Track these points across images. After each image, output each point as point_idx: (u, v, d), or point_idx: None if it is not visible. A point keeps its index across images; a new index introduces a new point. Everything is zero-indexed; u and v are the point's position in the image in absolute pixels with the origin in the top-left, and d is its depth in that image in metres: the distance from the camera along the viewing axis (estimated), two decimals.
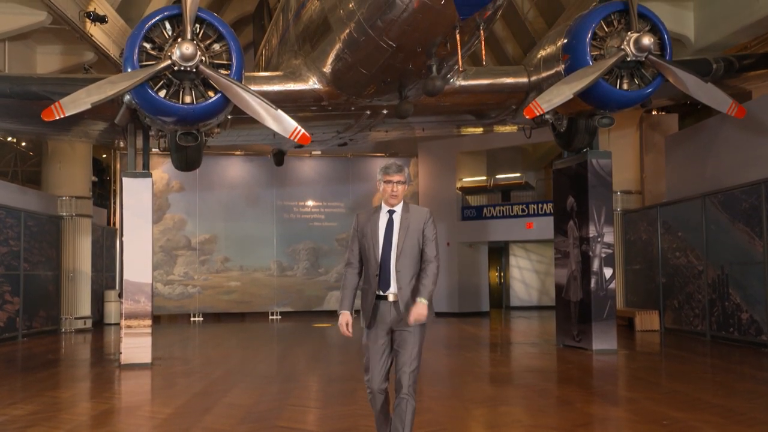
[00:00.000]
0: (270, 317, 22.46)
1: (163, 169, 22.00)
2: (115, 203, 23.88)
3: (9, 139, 26.06)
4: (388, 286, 5.11)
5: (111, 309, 21.03)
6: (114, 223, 23.57)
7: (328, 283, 23.22)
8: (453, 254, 23.11)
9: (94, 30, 14.89)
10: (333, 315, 22.45)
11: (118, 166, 22.30)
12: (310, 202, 23.43)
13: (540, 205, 21.78)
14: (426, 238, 5.19)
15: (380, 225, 5.22)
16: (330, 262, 23.33)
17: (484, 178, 24.42)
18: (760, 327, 12.62)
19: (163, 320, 21.98)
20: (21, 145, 27.09)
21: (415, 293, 5.06)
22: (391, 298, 5.11)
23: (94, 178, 20.71)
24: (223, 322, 21.78)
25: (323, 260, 23.29)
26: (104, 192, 25.89)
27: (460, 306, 23.11)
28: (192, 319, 22.10)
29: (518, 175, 24.60)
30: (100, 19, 14.57)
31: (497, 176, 24.41)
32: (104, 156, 26.24)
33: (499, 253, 26.70)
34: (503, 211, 22.67)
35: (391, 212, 5.24)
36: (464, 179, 24.27)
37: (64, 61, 16.14)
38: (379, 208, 5.31)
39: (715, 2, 13.91)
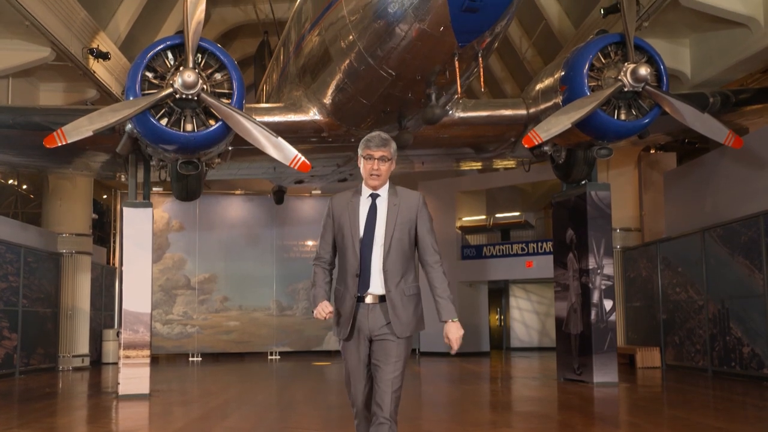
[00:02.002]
0: (269, 357, 22.30)
1: (163, 208, 22.06)
2: (114, 243, 23.88)
3: (10, 181, 26.18)
4: (366, 287, 4.30)
5: (109, 348, 20.88)
6: (113, 263, 23.54)
7: (328, 322, 22.98)
8: (453, 294, 22.91)
9: (97, 67, 15.07)
10: (333, 354, 22.32)
11: (119, 206, 22.32)
12: (309, 242, 23.41)
13: (540, 244, 21.79)
14: (421, 231, 4.37)
15: (361, 212, 4.35)
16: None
17: (484, 217, 24.47)
18: (761, 361, 12.54)
19: (161, 360, 21.82)
20: (22, 188, 27.17)
21: (404, 298, 4.31)
22: (369, 300, 4.30)
23: (94, 216, 20.73)
24: (221, 362, 21.62)
25: None
26: (104, 235, 25.87)
27: (460, 346, 22.88)
28: (190, 359, 21.94)
29: (518, 214, 24.64)
30: (103, 56, 14.75)
31: (497, 215, 24.45)
32: (105, 197, 26.31)
33: (499, 294, 26.63)
34: (503, 250, 22.67)
35: (374, 196, 4.37)
36: (464, 218, 24.31)
37: (67, 98, 16.27)
38: (359, 191, 4.43)
39: (710, 38, 14.07)
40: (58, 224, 18.86)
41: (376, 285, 4.30)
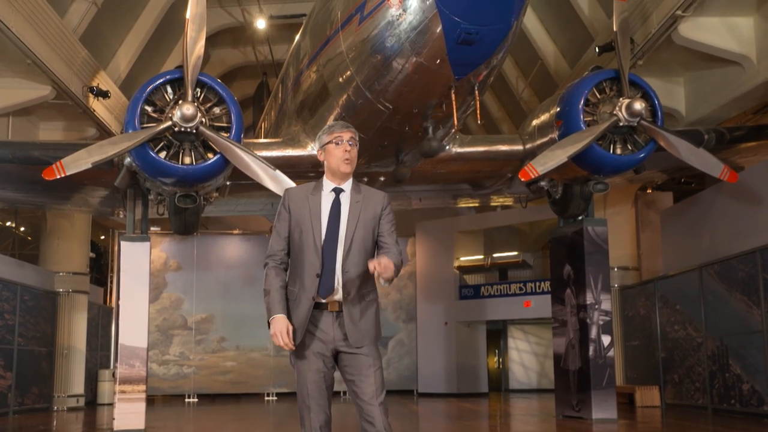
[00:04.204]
0: (266, 398, 22.09)
1: (161, 248, 22.03)
2: (111, 283, 23.80)
3: (8, 223, 26.22)
4: (331, 291, 3.92)
5: (105, 389, 20.66)
6: (110, 303, 23.44)
7: None
8: (451, 334, 22.91)
9: (97, 105, 15.20)
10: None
11: (116, 247, 22.28)
12: None
13: (537, 284, 21.77)
14: (383, 228, 4.05)
15: (323, 208, 4.01)
16: None
17: (482, 257, 24.49)
18: (761, 397, 12.44)
19: (157, 402, 21.60)
20: (20, 230, 27.22)
21: (363, 303, 3.97)
22: (336, 306, 3.94)
23: (91, 255, 20.69)
24: (217, 403, 21.40)
25: None
26: (101, 277, 25.84)
27: (458, 387, 22.77)
28: (186, 400, 21.72)
29: (515, 253, 24.67)
30: (103, 94, 14.87)
31: (494, 255, 24.46)
32: (102, 237, 26.30)
33: (497, 335, 26.52)
34: (501, 289, 22.63)
35: (337, 191, 4.06)
36: (462, 258, 24.31)
37: (66, 137, 16.35)
38: (320, 186, 4.11)
39: (704, 77, 14.23)
40: (56, 263, 18.81)
41: (340, 289, 3.96)
